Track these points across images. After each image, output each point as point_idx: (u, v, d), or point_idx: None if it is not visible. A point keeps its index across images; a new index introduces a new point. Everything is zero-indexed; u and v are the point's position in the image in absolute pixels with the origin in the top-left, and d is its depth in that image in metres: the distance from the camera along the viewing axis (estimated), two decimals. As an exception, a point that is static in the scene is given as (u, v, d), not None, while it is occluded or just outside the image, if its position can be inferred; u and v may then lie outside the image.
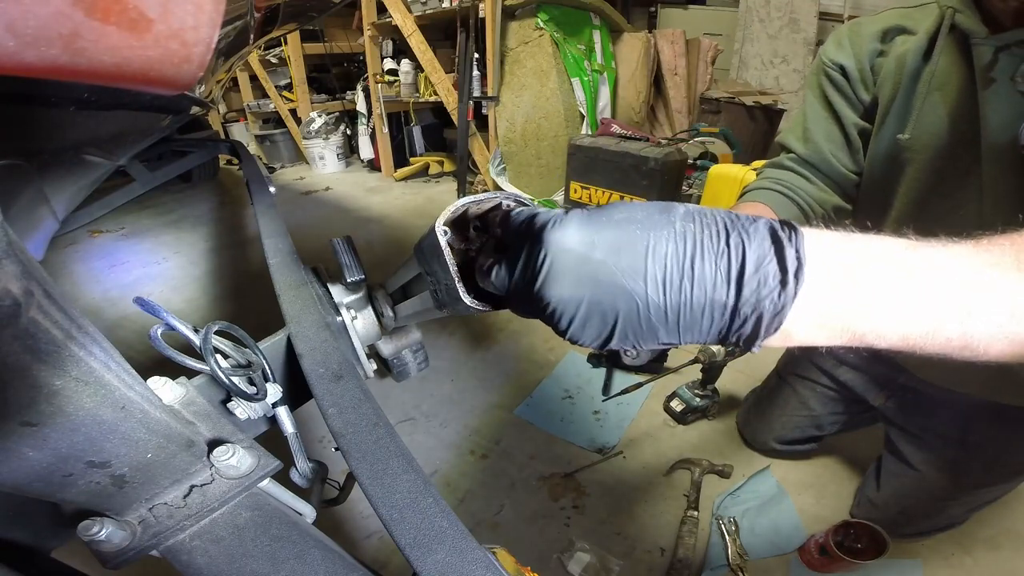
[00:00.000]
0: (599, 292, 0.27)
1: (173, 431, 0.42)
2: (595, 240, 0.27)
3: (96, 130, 0.81)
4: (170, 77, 0.26)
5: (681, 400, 1.46)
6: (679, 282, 0.26)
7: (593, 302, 0.27)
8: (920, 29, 0.74)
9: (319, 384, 0.52)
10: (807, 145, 0.86)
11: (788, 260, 0.26)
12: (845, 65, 0.81)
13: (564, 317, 0.28)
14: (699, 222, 0.27)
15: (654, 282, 0.26)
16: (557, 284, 0.28)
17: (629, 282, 0.27)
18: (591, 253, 0.27)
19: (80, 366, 0.31)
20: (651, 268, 0.26)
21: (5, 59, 0.19)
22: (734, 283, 0.26)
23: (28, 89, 0.44)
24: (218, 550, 0.41)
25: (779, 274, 0.26)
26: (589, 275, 0.27)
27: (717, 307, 0.26)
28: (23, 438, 0.32)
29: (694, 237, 0.27)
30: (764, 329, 0.26)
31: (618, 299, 0.27)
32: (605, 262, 0.27)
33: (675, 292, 0.26)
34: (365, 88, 3.87)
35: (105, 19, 0.21)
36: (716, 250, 0.26)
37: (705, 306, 0.26)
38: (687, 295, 0.26)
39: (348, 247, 0.66)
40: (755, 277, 0.26)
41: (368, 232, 2.93)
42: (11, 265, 0.24)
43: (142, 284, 2.39)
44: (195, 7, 0.24)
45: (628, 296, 0.27)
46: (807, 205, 0.84)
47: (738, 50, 4.46)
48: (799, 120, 0.89)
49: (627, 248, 0.27)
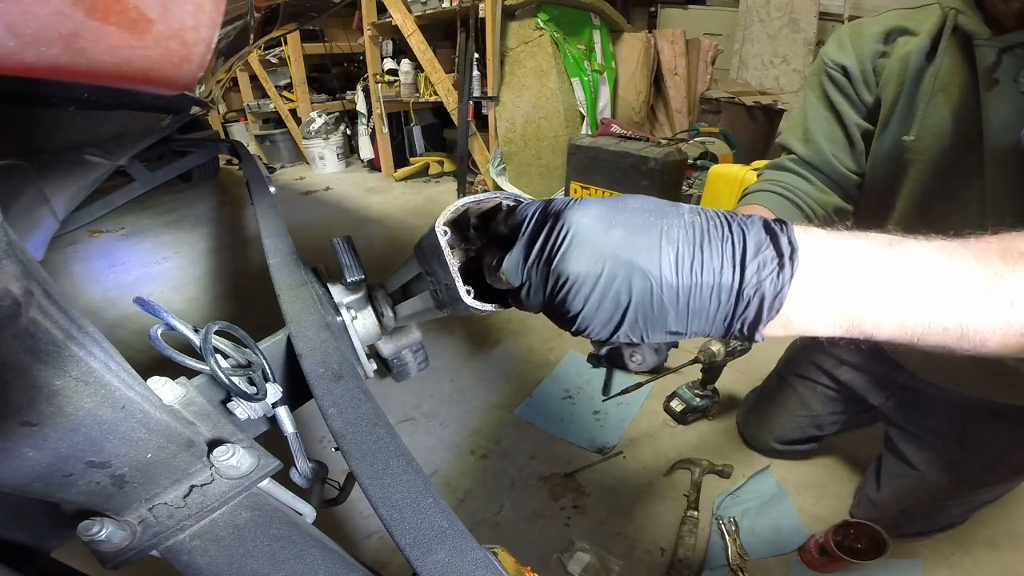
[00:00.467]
0: (616, 267, 0.28)
1: (173, 431, 0.42)
2: (613, 220, 0.29)
3: (96, 130, 0.81)
4: (170, 77, 0.26)
5: (681, 400, 1.46)
6: (690, 264, 0.28)
7: (610, 277, 0.28)
8: (922, 30, 0.74)
9: (319, 384, 0.52)
10: (808, 146, 0.86)
11: (783, 245, 0.28)
12: (847, 66, 0.80)
13: (580, 295, 0.29)
14: (703, 214, 0.30)
15: (668, 262, 0.28)
16: (577, 257, 0.28)
17: (644, 260, 0.28)
18: (611, 230, 0.28)
19: (80, 366, 0.31)
20: (665, 249, 0.28)
21: (5, 59, 0.19)
22: (738, 266, 0.28)
23: (28, 89, 0.44)
24: (218, 550, 0.41)
25: (776, 257, 0.28)
26: (609, 250, 0.28)
27: (724, 290, 0.28)
28: (23, 438, 0.32)
29: (702, 225, 0.29)
30: (766, 311, 0.28)
31: (634, 276, 0.28)
32: (625, 239, 0.28)
33: (687, 274, 0.28)
34: (365, 88, 3.87)
35: (105, 19, 0.21)
36: (721, 236, 0.28)
37: (713, 288, 0.28)
38: (697, 277, 0.28)
39: (348, 247, 0.66)
40: (755, 261, 0.28)
41: (368, 232, 2.93)
42: (11, 265, 0.24)
43: (142, 284, 2.39)
44: (195, 7, 0.24)
45: (643, 274, 0.28)
46: (807, 206, 0.84)
47: (738, 50, 4.46)
48: (799, 121, 0.88)
49: (643, 230, 0.28)
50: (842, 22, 3.86)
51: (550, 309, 0.31)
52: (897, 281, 0.28)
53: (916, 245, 0.30)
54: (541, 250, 0.30)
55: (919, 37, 0.74)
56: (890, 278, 0.28)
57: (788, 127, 0.92)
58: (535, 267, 0.31)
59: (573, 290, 0.29)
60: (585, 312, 0.29)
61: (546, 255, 0.30)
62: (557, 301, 0.30)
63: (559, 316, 0.31)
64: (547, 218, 0.31)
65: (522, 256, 0.31)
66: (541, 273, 0.30)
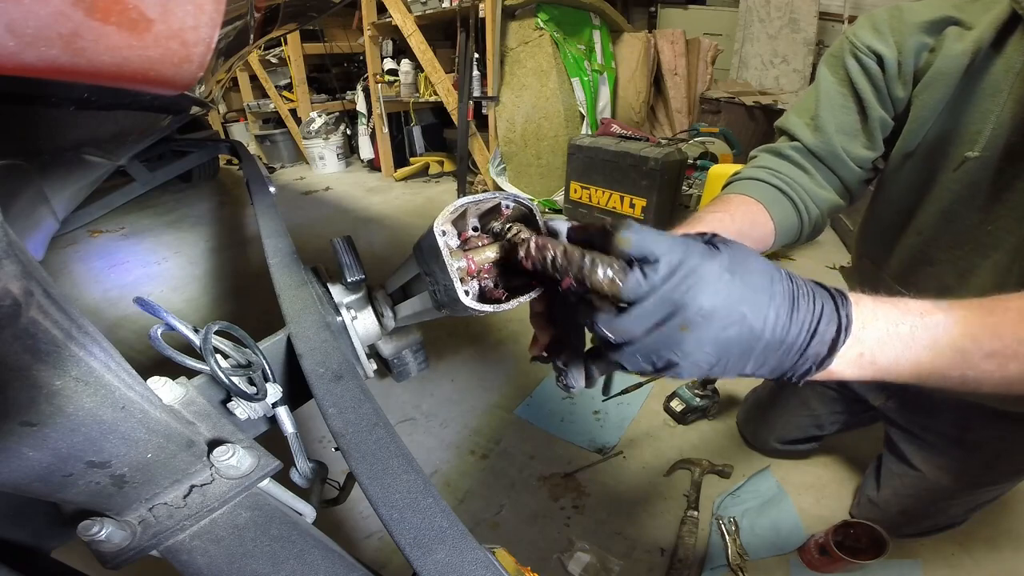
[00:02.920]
0: (732, 301, 0.31)
1: (173, 431, 0.42)
2: (732, 267, 0.32)
3: (96, 130, 0.81)
4: (170, 77, 0.26)
5: (681, 400, 1.46)
6: (784, 323, 0.32)
7: (727, 310, 0.31)
8: (978, 24, 0.63)
9: (319, 384, 0.52)
10: (817, 135, 0.77)
11: (843, 319, 0.34)
12: (883, 54, 0.70)
13: (700, 327, 0.31)
14: (793, 281, 0.34)
15: (775, 309, 0.32)
16: (704, 291, 0.31)
17: (754, 313, 0.32)
18: (732, 274, 0.32)
19: (80, 366, 0.31)
20: (776, 296, 0.32)
21: (5, 59, 0.19)
22: (811, 332, 0.33)
23: (28, 89, 0.44)
24: (218, 550, 0.41)
25: (835, 330, 0.33)
26: (731, 287, 0.32)
27: (794, 348, 0.33)
28: (23, 438, 0.32)
29: (793, 292, 0.33)
30: (815, 369, 0.34)
31: (747, 314, 0.32)
32: (744, 282, 0.32)
33: (779, 331, 0.32)
34: (365, 88, 3.87)
35: (105, 19, 0.21)
36: (807, 304, 0.33)
37: (790, 346, 0.33)
38: (784, 334, 0.32)
39: (348, 247, 0.66)
40: (826, 330, 0.33)
41: (368, 232, 2.93)
42: (11, 265, 0.24)
43: (142, 284, 2.39)
44: (195, 7, 0.24)
45: (750, 326, 0.32)
46: (803, 203, 0.78)
47: (738, 50, 4.45)
48: (808, 105, 0.79)
49: (757, 277, 0.33)
50: (842, 22, 3.86)
51: (650, 348, 0.33)
52: (913, 352, 0.35)
53: (937, 320, 0.36)
54: (672, 282, 0.31)
55: (975, 32, 0.63)
56: (913, 352, 0.35)
57: (793, 110, 0.82)
58: (655, 302, 0.32)
59: (696, 319, 0.31)
60: (701, 340, 0.32)
61: (678, 288, 0.31)
62: (672, 329, 0.32)
63: (659, 355, 0.33)
64: (662, 256, 0.32)
65: (645, 287, 0.32)
66: (658, 305, 0.31)
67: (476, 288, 0.40)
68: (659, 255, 0.32)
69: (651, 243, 0.32)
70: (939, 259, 0.77)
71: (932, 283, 0.79)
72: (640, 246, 0.32)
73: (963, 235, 0.72)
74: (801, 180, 0.78)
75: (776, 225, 0.72)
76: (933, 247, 0.78)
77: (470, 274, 0.40)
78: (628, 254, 0.32)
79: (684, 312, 0.31)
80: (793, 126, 0.79)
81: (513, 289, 0.41)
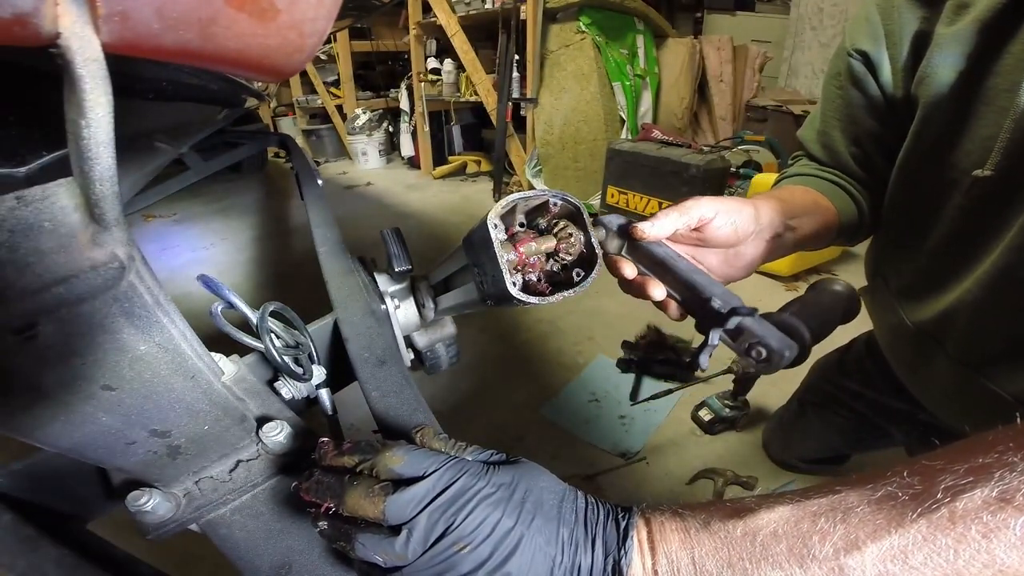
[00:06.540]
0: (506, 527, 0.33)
1: (230, 405, 0.44)
2: (525, 500, 0.35)
3: (163, 119, 0.86)
4: (281, 65, 0.27)
5: (710, 410, 1.44)
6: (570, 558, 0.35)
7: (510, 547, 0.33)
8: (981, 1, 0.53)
9: (364, 368, 0.54)
10: (825, 152, 0.74)
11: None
12: (869, 52, 0.63)
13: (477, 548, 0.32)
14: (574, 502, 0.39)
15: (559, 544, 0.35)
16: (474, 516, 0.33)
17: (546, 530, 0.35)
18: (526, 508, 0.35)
19: (164, 333, 0.33)
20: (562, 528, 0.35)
21: (146, 41, 0.21)
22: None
23: (121, 81, 0.47)
24: (257, 525, 0.42)
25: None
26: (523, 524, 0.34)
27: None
28: (101, 402, 0.34)
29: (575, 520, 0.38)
30: None
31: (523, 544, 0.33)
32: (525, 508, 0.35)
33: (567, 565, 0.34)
34: (409, 86, 3.94)
35: (240, 7, 0.22)
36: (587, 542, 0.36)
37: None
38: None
39: (397, 238, 0.69)
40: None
41: (406, 227, 2.93)
42: (119, 232, 0.27)
43: (191, 267, 2.50)
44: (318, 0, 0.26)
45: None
46: (856, 191, 0.72)
47: (788, 58, 4.33)
48: (814, 116, 0.75)
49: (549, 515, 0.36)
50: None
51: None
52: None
53: (762, 522, 0.33)
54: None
55: (980, 8, 0.52)
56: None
57: (807, 121, 0.77)
58: None
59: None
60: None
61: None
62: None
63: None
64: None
65: None
66: None
67: (521, 281, 0.42)
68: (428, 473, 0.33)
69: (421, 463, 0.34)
70: (945, 277, 0.67)
71: (938, 305, 0.69)
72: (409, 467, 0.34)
73: (968, 257, 0.63)
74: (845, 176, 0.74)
75: (837, 211, 0.69)
76: (938, 265, 0.68)
77: (518, 267, 0.41)
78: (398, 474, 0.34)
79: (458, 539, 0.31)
80: (805, 139, 0.78)
81: (557, 284, 0.42)
